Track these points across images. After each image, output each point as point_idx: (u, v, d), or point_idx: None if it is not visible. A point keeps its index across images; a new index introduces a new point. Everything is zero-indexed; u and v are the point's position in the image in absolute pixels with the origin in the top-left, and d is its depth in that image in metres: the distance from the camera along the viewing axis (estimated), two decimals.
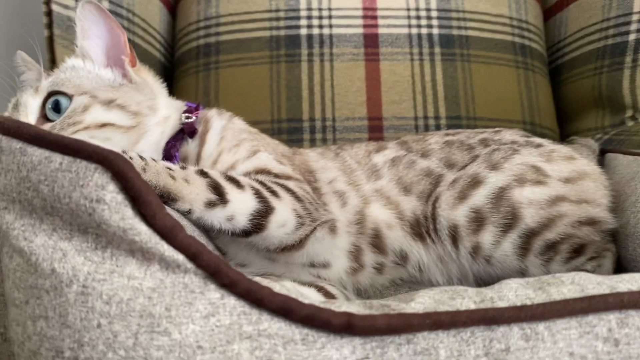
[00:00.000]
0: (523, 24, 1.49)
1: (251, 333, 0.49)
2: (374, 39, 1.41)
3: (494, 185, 0.89)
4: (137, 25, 1.38)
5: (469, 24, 1.45)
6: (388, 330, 0.51)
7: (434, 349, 0.50)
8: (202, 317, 0.49)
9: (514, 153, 0.96)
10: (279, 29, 1.41)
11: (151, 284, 0.49)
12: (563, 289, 0.55)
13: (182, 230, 0.50)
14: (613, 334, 0.52)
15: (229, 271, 0.50)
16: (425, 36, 1.42)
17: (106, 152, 0.50)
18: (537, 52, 1.51)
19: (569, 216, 0.88)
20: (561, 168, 0.93)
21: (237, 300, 0.50)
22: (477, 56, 1.43)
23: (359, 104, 1.38)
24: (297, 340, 0.50)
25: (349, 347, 0.50)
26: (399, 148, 1.04)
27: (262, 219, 0.79)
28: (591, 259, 0.90)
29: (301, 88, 1.38)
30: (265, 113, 1.37)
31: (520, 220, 0.87)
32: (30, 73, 0.98)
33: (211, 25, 1.44)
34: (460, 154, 1.00)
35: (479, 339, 0.51)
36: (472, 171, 0.93)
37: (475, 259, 0.89)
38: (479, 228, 0.88)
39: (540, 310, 0.52)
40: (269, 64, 1.39)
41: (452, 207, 0.90)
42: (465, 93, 1.41)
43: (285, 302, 0.50)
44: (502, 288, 0.56)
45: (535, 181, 0.90)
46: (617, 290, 0.55)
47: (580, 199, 0.90)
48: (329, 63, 1.39)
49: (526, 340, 0.51)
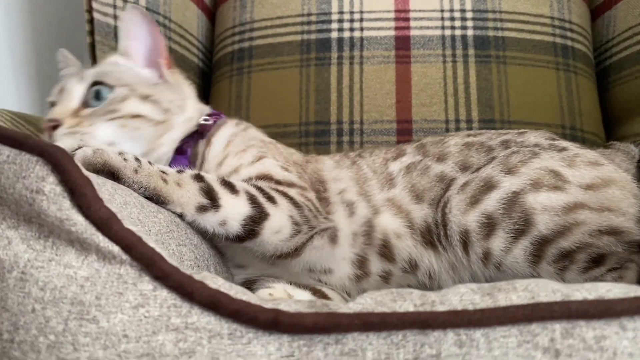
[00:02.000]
0: (566, 23, 1.43)
1: (178, 325, 0.50)
2: (405, 41, 1.40)
3: (508, 190, 0.86)
4: (174, 31, 1.43)
5: (506, 24, 1.40)
6: (316, 328, 0.50)
7: (362, 351, 0.50)
8: (132, 307, 0.50)
9: (533, 157, 0.92)
10: (310, 33, 1.42)
11: (86, 273, 0.51)
12: (512, 295, 0.53)
13: (118, 222, 0.52)
14: (555, 344, 0.49)
15: (162, 264, 0.52)
16: (459, 37, 1.39)
17: (48, 146, 0.52)
18: (581, 53, 1.44)
19: (588, 224, 0.84)
20: (583, 174, 0.88)
21: (170, 292, 0.52)
22: (513, 58, 1.39)
23: (388, 106, 1.37)
24: (224, 335, 0.50)
25: (276, 344, 0.50)
26: (416, 153, 1.03)
27: (256, 225, 0.81)
28: (612, 269, 0.84)
29: (329, 91, 1.38)
30: (293, 116, 1.39)
31: (533, 227, 0.83)
32: (71, 69, 1.04)
33: (245, 31, 1.47)
34: (477, 156, 0.97)
35: (410, 342, 0.50)
36: (486, 174, 0.90)
37: (486, 265, 0.86)
38: (490, 234, 0.85)
39: (477, 316, 0.50)
40: (299, 67, 1.41)
41: (463, 212, 0.87)
42: (499, 96, 1.36)
43: (215, 296, 0.51)
44: (449, 292, 0.54)
45: (552, 186, 0.86)
46: (572, 298, 0.52)
47: (602, 206, 0.85)
48: (358, 66, 1.39)
49: (459, 347, 0.49)
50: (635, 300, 0.50)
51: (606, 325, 0.49)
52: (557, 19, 1.43)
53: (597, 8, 1.52)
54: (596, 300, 0.51)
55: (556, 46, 1.41)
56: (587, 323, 0.50)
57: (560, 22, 1.43)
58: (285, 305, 0.53)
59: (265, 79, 1.43)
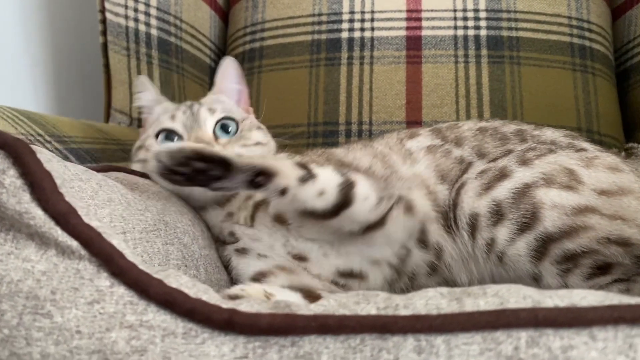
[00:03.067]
0: (584, 23, 1.39)
1: (133, 323, 0.49)
2: (416, 41, 1.37)
3: (520, 181, 0.84)
4: (185, 31, 1.43)
5: (520, 24, 1.37)
6: (271, 330, 0.49)
7: (317, 354, 0.48)
8: (87, 303, 0.50)
9: (550, 152, 0.90)
10: (321, 33, 1.41)
11: (43, 267, 0.51)
12: (480, 301, 0.50)
13: (77, 217, 0.51)
14: (519, 353, 0.46)
15: (120, 260, 0.51)
16: (471, 38, 1.36)
17: (10, 139, 0.52)
18: (600, 53, 1.40)
19: (597, 230, 0.80)
20: (600, 177, 0.84)
21: (127, 290, 0.51)
22: (528, 58, 1.35)
23: (398, 107, 1.35)
24: (178, 334, 0.49)
25: (230, 345, 0.49)
26: (434, 136, 1.02)
27: (349, 191, 0.81)
28: (619, 280, 0.81)
29: (339, 91, 1.37)
30: (302, 116, 1.38)
31: (539, 222, 0.80)
32: (147, 93, 1.10)
33: (257, 31, 1.46)
34: (492, 143, 0.96)
35: (368, 347, 0.48)
36: (502, 164, 0.88)
37: (489, 254, 0.84)
38: (497, 222, 0.83)
39: (439, 322, 0.48)
40: (309, 67, 1.40)
41: (477, 196, 0.86)
42: (512, 97, 1.33)
43: (171, 294, 0.50)
44: (415, 296, 0.52)
45: (565, 185, 0.83)
46: (542, 305, 0.49)
47: (615, 215, 0.81)
48: (368, 66, 1.37)
49: (418, 353, 0.47)
50: (608, 310, 0.47)
51: (575, 335, 0.47)
52: (575, 19, 1.38)
53: (618, 8, 1.47)
54: (566, 308, 0.48)
55: (573, 47, 1.37)
56: (555, 332, 0.47)
57: (578, 22, 1.38)
58: (245, 306, 0.52)
59: (275, 79, 1.42)
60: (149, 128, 1.04)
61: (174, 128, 0.99)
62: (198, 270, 0.83)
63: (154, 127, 1.01)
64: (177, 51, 1.42)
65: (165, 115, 1.02)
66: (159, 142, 0.98)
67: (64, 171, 0.63)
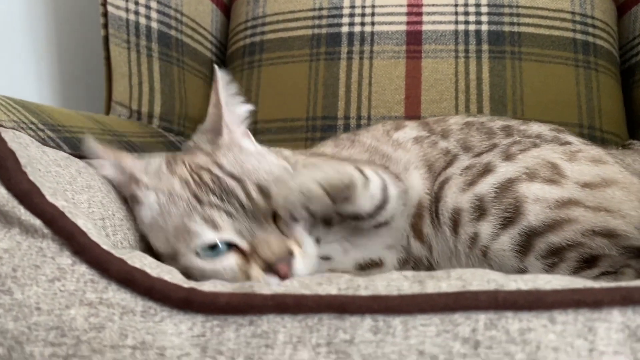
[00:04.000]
0: (588, 19, 1.37)
1: (92, 300, 0.50)
2: (417, 36, 1.37)
3: (502, 176, 0.84)
4: (186, 25, 1.44)
5: (522, 19, 1.35)
6: (229, 309, 0.49)
7: (274, 333, 0.48)
8: (48, 281, 0.50)
9: (533, 147, 0.89)
10: (321, 27, 1.41)
11: (6, 245, 0.51)
12: (442, 283, 0.50)
13: (40, 196, 0.52)
14: (476, 335, 0.46)
15: (81, 238, 0.51)
16: (472, 33, 1.35)
17: None
18: (604, 50, 1.38)
19: (581, 223, 0.79)
20: (583, 170, 0.84)
21: (88, 268, 0.51)
22: (529, 54, 1.34)
23: (397, 102, 1.34)
24: (137, 312, 0.49)
25: (189, 323, 0.49)
26: (420, 128, 1.02)
27: (386, 191, 0.81)
28: (606, 273, 0.80)
29: (338, 86, 1.36)
30: (301, 111, 1.37)
31: (522, 217, 0.80)
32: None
33: (257, 25, 1.47)
34: (478, 137, 0.96)
35: (325, 327, 0.48)
36: (487, 160, 0.89)
37: (473, 249, 0.83)
38: (480, 217, 0.83)
39: (397, 303, 0.47)
40: (309, 61, 1.39)
41: (460, 191, 0.86)
42: (513, 93, 1.31)
43: (131, 273, 0.50)
44: (378, 277, 0.52)
45: (548, 179, 0.83)
46: (504, 289, 0.48)
47: (599, 206, 0.81)
48: (368, 61, 1.37)
49: (374, 333, 0.47)
50: (569, 293, 0.46)
51: (534, 318, 0.46)
52: (579, 14, 1.37)
53: (624, 4, 1.44)
54: (527, 291, 0.47)
55: (576, 42, 1.35)
56: (515, 314, 0.46)
57: (581, 18, 1.37)
58: (208, 286, 0.52)
59: (275, 73, 1.42)
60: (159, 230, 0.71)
61: (224, 239, 0.68)
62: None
63: (182, 244, 0.68)
64: (178, 44, 1.42)
65: (191, 218, 0.67)
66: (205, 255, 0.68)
67: (41, 156, 0.64)
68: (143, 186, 0.71)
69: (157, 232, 0.70)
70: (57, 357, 0.47)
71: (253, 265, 0.66)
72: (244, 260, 0.67)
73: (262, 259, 0.66)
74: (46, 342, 0.47)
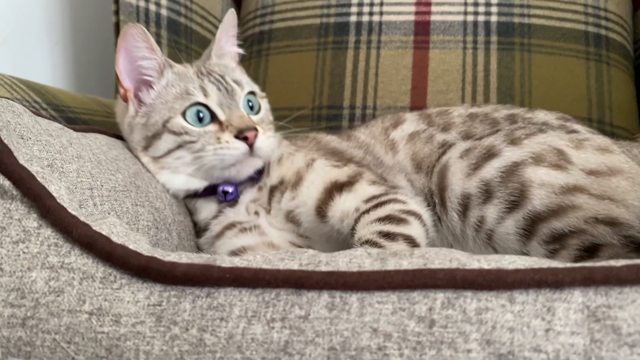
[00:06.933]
0: (601, 12, 1.34)
1: (54, 264, 0.50)
2: (425, 26, 1.35)
3: (508, 159, 0.84)
4: (196, 13, 1.44)
5: (533, 11, 1.33)
6: (187, 279, 0.49)
7: (230, 306, 0.48)
8: (12, 242, 0.51)
9: (540, 132, 0.89)
10: (329, 16, 1.40)
11: None
12: (403, 261, 0.49)
13: (12, 157, 0.52)
14: (432, 314, 0.45)
15: (48, 201, 0.52)
16: (481, 23, 1.33)
17: None
18: (617, 43, 1.35)
19: (585, 210, 0.79)
20: (589, 158, 0.84)
21: (53, 232, 0.52)
22: (539, 46, 1.31)
23: (403, 92, 1.33)
24: (97, 278, 0.50)
25: (146, 292, 0.49)
26: (420, 121, 1.02)
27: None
28: None
29: (344, 75, 1.36)
30: (307, 99, 1.37)
31: (527, 200, 0.80)
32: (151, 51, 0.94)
33: (267, 14, 1.47)
34: (481, 127, 0.96)
35: (282, 302, 0.47)
36: (489, 142, 0.88)
37: (479, 232, 0.84)
38: (486, 200, 0.83)
39: (354, 279, 0.47)
40: (316, 50, 1.39)
41: (466, 177, 0.86)
42: (521, 85, 1.29)
43: (93, 237, 0.51)
44: (342, 254, 0.51)
45: (554, 164, 0.82)
46: (466, 267, 0.48)
47: (603, 194, 0.80)
48: (375, 50, 1.36)
49: (329, 310, 0.46)
50: (530, 272, 0.46)
51: (494, 297, 0.45)
52: (591, 7, 1.34)
53: None
54: (487, 270, 0.46)
55: (588, 35, 1.33)
56: (474, 294, 0.46)
57: (594, 10, 1.34)
58: (173, 257, 0.52)
59: (283, 61, 1.42)
60: (160, 100, 0.91)
61: (209, 105, 0.89)
62: (170, 234, 0.84)
63: (179, 102, 0.90)
64: (187, 32, 1.43)
65: (192, 85, 0.91)
66: (192, 121, 0.88)
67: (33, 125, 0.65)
68: (169, 66, 0.94)
69: (156, 107, 0.91)
70: (16, 318, 0.47)
71: (226, 132, 0.87)
72: (219, 129, 0.88)
73: (234, 127, 0.87)
74: (6, 302, 0.48)
